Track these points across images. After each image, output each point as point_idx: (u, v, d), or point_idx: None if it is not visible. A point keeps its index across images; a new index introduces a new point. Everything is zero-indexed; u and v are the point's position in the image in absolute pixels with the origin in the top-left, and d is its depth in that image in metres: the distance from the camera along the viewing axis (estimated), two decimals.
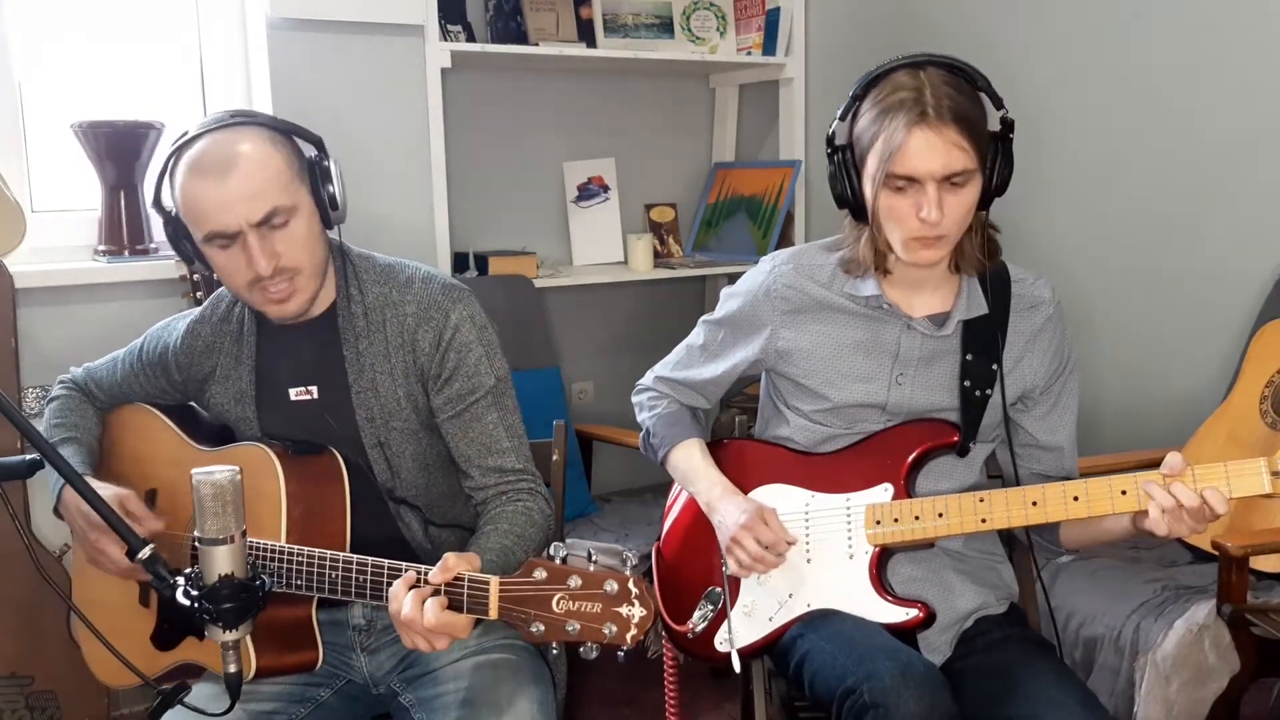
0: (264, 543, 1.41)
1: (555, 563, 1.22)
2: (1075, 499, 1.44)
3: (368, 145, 2.66)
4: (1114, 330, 2.65)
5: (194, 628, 1.35)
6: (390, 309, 1.55)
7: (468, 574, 1.26)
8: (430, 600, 1.25)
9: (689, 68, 3.35)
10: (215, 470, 1.16)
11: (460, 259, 2.96)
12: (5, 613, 2.19)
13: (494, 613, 1.24)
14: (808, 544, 1.57)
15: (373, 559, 1.35)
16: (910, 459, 1.55)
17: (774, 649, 1.59)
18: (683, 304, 3.49)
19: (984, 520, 1.49)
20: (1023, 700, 1.42)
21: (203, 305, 1.66)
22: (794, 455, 1.63)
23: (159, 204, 1.51)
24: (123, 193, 2.49)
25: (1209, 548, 1.88)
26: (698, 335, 1.73)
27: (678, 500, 1.75)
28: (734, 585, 1.61)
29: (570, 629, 1.21)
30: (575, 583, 1.21)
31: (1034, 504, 1.47)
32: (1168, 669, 1.86)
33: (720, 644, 1.61)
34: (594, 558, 1.22)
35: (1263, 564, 1.93)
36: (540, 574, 1.22)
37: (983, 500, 1.49)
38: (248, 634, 1.22)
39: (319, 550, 1.38)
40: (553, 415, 1.88)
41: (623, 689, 2.64)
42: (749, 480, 1.63)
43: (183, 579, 1.19)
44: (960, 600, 1.58)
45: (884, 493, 1.55)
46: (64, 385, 1.73)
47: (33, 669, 2.22)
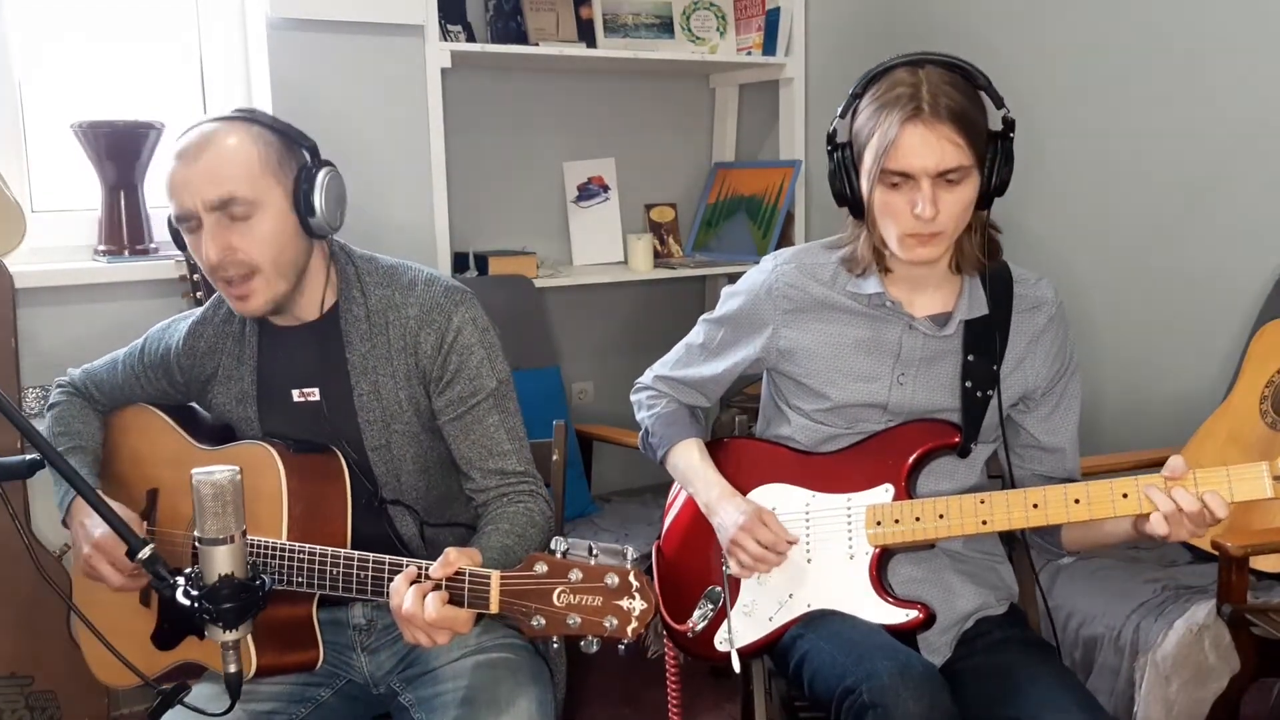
0: (265, 540, 1.41)
1: (556, 557, 1.23)
2: (1076, 501, 1.44)
3: (368, 145, 2.66)
4: (1114, 330, 2.65)
5: (194, 627, 1.35)
6: (393, 311, 1.55)
7: (469, 568, 1.26)
8: (431, 595, 1.26)
9: (689, 68, 3.35)
10: (215, 470, 1.16)
11: (460, 259, 2.96)
12: (5, 613, 2.19)
13: (495, 606, 1.24)
14: (808, 544, 1.57)
15: (374, 555, 1.35)
16: (911, 459, 1.55)
17: (774, 649, 1.59)
18: (683, 304, 3.49)
19: (985, 522, 1.49)
20: (1022, 702, 1.42)
21: (204, 306, 1.66)
22: (795, 455, 1.63)
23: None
24: (123, 193, 2.49)
25: (1209, 548, 1.89)
26: (698, 334, 1.73)
27: (677, 499, 1.75)
28: (734, 585, 1.61)
29: (571, 622, 1.21)
30: (576, 576, 1.21)
31: (1035, 506, 1.46)
32: (1168, 669, 1.86)
33: (720, 643, 1.60)
34: (594, 552, 1.23)
35: (1263, 564, 1.93)
36: (541, 568, 1.22)
37: (983, 502, 1.49)
38: (248, 634, 1.22)
39: (320, 547, 1.38)
40: (553, 415, 1.88)
41: (623, 688, 2.64)
42: (749, 479, 1.63)
43: (183, 579, 1.19)
44: (960, 601, 1.58)
45: (885, 493, 1.55)
46: (63, 390, 1.72)
47: (33, 669, 2.22)
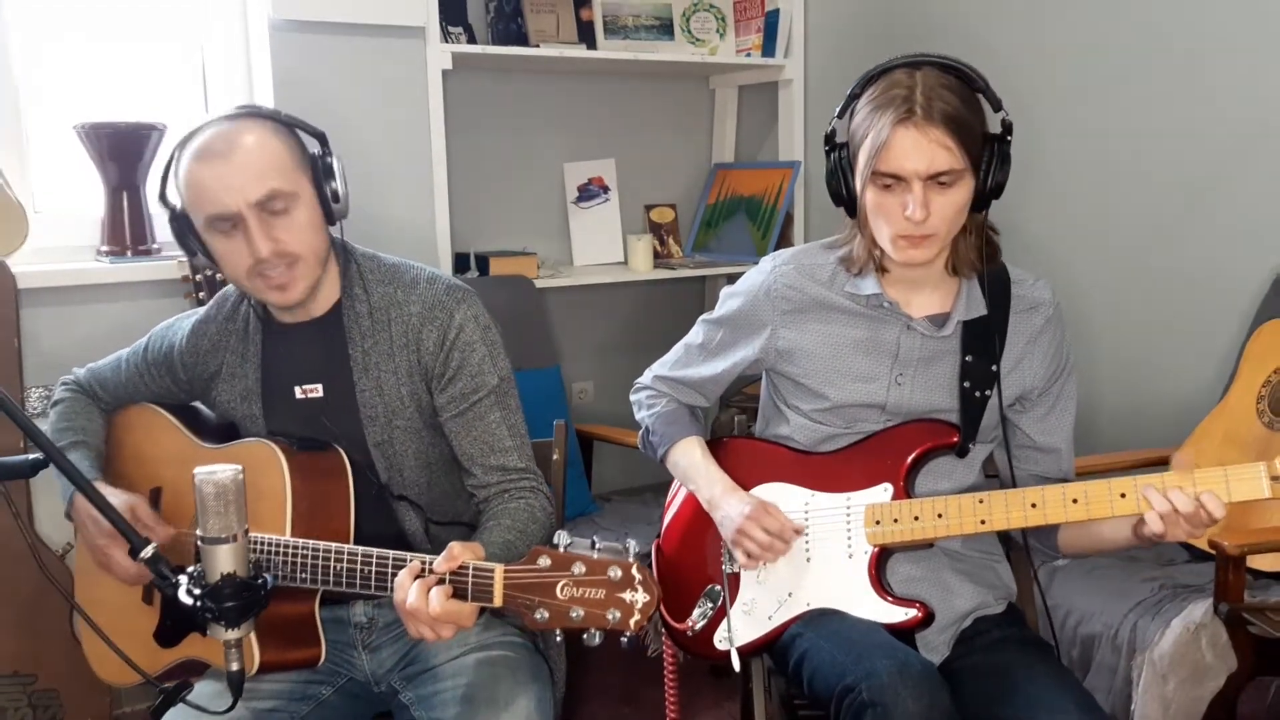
0: (269, 537, 1.41)
1: (559, 550, 1.23)
2: (1075, 501, 1.45)
3: (369, 146, 2.66)
4: (1112, 330, 2.66)
5: (197, 624, 1.36)
6: (395, 309, 1.56)
7: (472, 562, 1.27)
8: (435, 589, 1.26)
9: (689, 69, 3.36)
10: (218, 469, 1.17)
11: (461, 259, 2.96)
12: (8, 611, 2.19)
13: (498, 599, 1.25)
14: (807, 543, 1.58)
15: (378, 550, 1.36)
16: (910, 459, 1.56)
17: (773, 647, 1.60)
18: (682, 304, 3.50)
19: (983, 521, 1.49)
20: (1020, 701, 1.43)
21: (207, 305, 1.67)
22: (794, 454, 1.64)
23: (164, 199, 1.51)
24: (125, 193, 2.50)
25: (1206, 547, 1.89)
26: (697, 334, 1.74)
27: (676, 497, 1.76)
28: (733, 583, 1.62)
29: (574, 615, 1.21)
30: (579, 569, 1.22)
31: (1033, 506, 1.47)
32: (1165, 668, 1.86)
33: (720, 642, 1.61)
34: (597, 545, 1.23)
35: (1260, 563, 1.94)
36: (544, 561, 1.23)
37: (982, 501, 1.50)
38: (250, 632, 1.23)
39: (324, 543, 1.39)
40: (553, 415, 1.88)
41: (622, 687, 2.65)
42: (748, 478, 1.63)
43: (185, 578, 1.20)
44: (959, 600, 1.58)
45: (883, 493, 1.56)
46: (67, 387, 1.73)
47: (35, 667, 2.22)
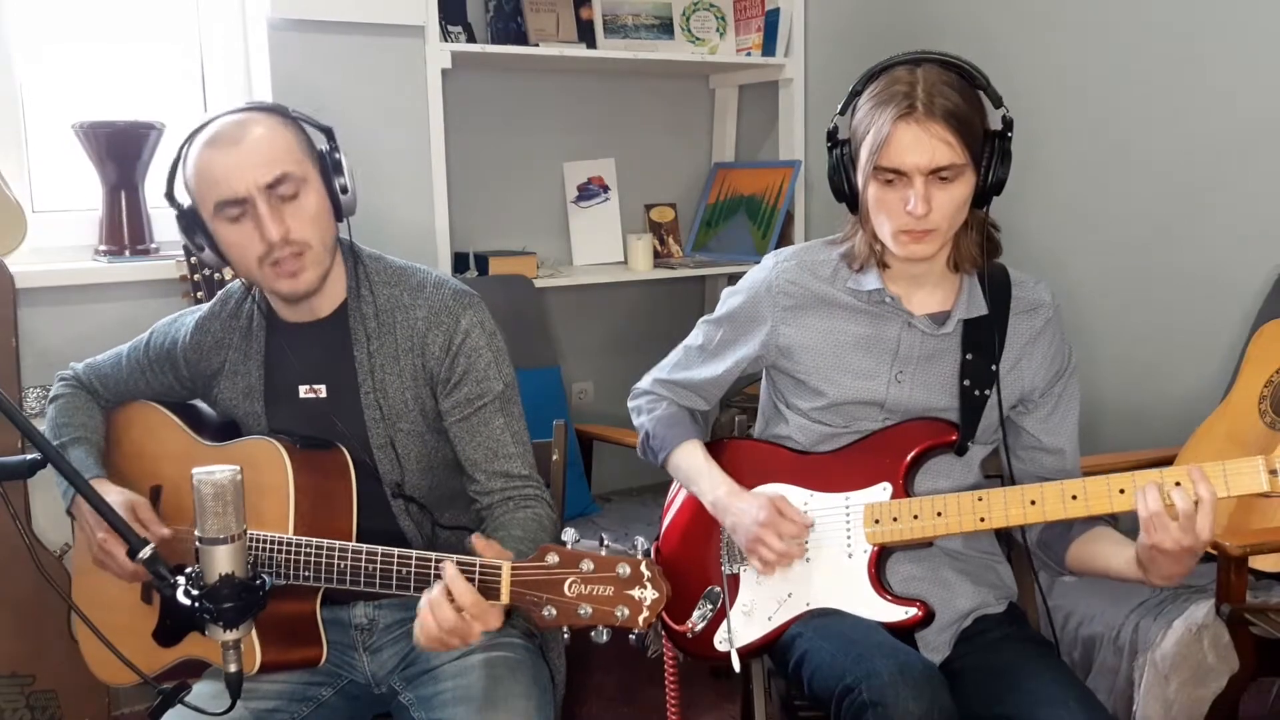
0: (272, 535, 1.41)
1: (567, 548, 1.23)
2: (1074, 498, 1.44)
3: (368, 145, 2.66)
4: (1114, 330, 2.66)
5: (197, 623, 1.35)
6: (401, 312, 1.55)
7: (479, 560, 1.27)
8: (464, 586, 1.25)
9: (689, 68, 3.35)
10: (216, 470, 1.16)
11: (460, 259, 2.96)
12: (6, 612, 2.19)
13: (506, 597, 1.25)
14: (807, 543, 1.58)
15: (382, 548, 1.36)
16: (909, 458, 1.55)
17: (773, 648, 1.59)
18: (683, 304, 3.50)
19: (982, 519, 1.49)
20: (1021, 699, 1.42)
21: (211, 301, 1.67)
22: (793, 454, 1.63)
23: (171, 195, 1.51)
24: (124, 193, 2.50)
25: (1208, 547, 1.89)
26: (696, 336, 1.73)
27: (676, 498, 1.75)
28: (733, 584, 1.62)
29: (582, 612, 1.21)
30: (588, 566, 1.22)
31: (1032, 503, 1.47)
32: (1167, 668, 1.86)
33: (720, 643, 1.61)
34: (605, 543, 1.23)
35: (1261, 563, 1.93)
36: (553, 558, 1.23)
37: (981, 499, 1.49)
38: (249, 633, 1.22)
39: (327, 541, 1.39)
40: (553, 415, 1.88)
41: (622, 688, 2.64)
42: (748, 479, 1.63)
43: (183, 578, 1.20)
44: (959, 599, 1.58)
45: (883, 492, 1.55)
46: (66, 383, 1.72)
47: (33, 668, 2.22)
